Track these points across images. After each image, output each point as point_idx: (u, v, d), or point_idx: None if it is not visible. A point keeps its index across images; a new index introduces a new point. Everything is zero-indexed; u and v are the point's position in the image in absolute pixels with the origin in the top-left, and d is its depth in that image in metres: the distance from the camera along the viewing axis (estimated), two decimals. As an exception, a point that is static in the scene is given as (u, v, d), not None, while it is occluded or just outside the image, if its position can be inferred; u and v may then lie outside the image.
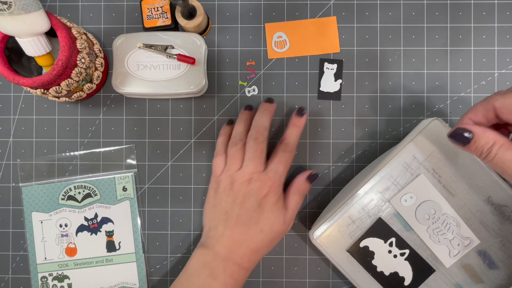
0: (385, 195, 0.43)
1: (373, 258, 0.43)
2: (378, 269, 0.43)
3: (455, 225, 0.42)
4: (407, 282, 0.43)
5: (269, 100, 0.49)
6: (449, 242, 0.42)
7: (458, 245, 0.42)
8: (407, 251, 0.43)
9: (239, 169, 0.45)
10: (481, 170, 0.42)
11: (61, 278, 0.52)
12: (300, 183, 0.46)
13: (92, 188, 0.52)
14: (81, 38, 0.45)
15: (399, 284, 0.43)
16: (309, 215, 0.51)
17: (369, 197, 0.43)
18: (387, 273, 0.43)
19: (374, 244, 0.43)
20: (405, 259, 0.43)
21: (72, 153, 0.52)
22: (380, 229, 0.43)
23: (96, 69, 0.49)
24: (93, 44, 0.49)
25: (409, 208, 0.42)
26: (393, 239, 0.43)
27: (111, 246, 0.52)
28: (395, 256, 0.43)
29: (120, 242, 0.52)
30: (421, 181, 0.42)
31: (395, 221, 0.43)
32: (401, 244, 0.43)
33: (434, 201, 0.42)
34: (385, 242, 0.43)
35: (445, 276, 0.42)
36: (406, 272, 0.43)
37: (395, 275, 0.43)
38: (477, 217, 0.42)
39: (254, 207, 0.43)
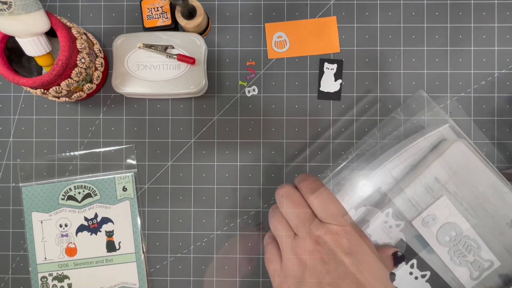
0: (407, 217, 0.42)
1: (394, 279, 0.43)
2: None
3: (476, 248, 0.41)
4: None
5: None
6: (470, 265, 0.42)
7: (479, 267, 0.41)
8: (428, 273, 0.42)
9: None
10: (503, 193, 0.41)
11: (61, 278, 0.52)
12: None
13: (92, 188, 0.52)
14: (81, 38, 0.45)
15: None
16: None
17: (390, 218, 0.43)
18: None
19: None
20: (426, 281, 0.42)
21: (72, 153, 0.52)
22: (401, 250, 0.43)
23: (96, 69, 0.49)
24: (93, 44, 0.49)
25: (430, 230, 0.42)
26: (414, 261, 0.42)
27: (111, 246, 0.52)
28: (416, 278, 0.43)
29: (120, 242, 0.52)
30: (443, 203, 0.42)
31: (417, 242, 0.42)
32: (423, 265, 0.42)
33: (455, 223, 0.42)
34: (406, 264, 0.43)
35: None
36: None
37: None
38: (499, 240, 0.41)
39: None
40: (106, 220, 0.52)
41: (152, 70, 0.49)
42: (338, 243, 0.37)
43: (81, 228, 0.52)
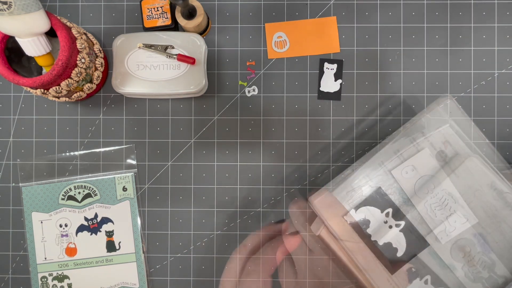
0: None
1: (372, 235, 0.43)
2: (372, 238, 0.43)
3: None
4: (399, 253, 0.43)
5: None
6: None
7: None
8: (402, 223, 0.42)
9: None
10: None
11: (61, 278, 0.52)
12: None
13: (92, 188, 0.52)
14: (81, 38, 0.45)
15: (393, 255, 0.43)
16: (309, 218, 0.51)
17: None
18: (381, 243, 0.43)
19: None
20: (400, 231, 0.42)
21: (72, 153, 0.52)
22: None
23: (96, 69, 0.49)
24: (93, 44, 0.49)
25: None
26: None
27: (111, 246, 0.52)
28: (390, 226, 0.42)
29: (120, 242, 0.52)
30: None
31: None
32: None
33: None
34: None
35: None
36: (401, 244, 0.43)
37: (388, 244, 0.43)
38: (476, 197, 0.41)
39: None
40: (106, 220, 0.52)
41: (152, 70, 0.49)
42: (353, 260, 0.37)
43: (81, 228, 0.52)
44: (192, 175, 0.52)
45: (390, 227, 0.43)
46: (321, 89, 0.51)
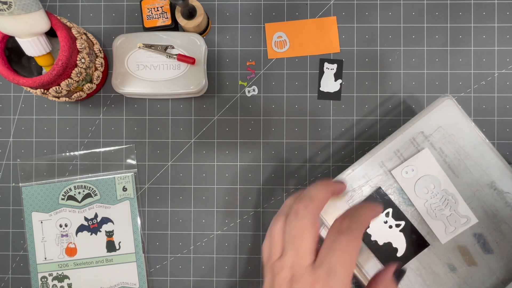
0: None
1: (368, 226, 0.43)
2: (372, 238, 0.43)
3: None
4: (399, 253, 0.43)
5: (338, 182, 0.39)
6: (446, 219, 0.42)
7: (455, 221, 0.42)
8: (402, 223, 0.43)
9: (279, 257, 0.33)
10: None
11: (61, 278, 0.52)
12: (385, 284, 0.33)
13: (92, 188, 0.52)
14: (81, 38, 0.45)
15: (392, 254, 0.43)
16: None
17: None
18: (381, 243, 0.43)
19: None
20: (400, 231, 0.43)
21: (72, 153, 0.52)
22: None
23: (96, 69, 0.49)
24: (93, 44, 0.49)
25: (409, 180, 0.42)
26: (389, 209, 0.43)
27: (111, 246, 0.52)
28: (390, 226, 0.43)
29: (120, 242, 0.52)
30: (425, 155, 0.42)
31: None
32: (399, 216, 0.43)
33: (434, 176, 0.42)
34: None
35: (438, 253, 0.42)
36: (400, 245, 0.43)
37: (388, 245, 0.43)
38: (476, 196, 0.42)
39: None
40: (106, 220, 0.52)
41: (152, 70, 0.49)
42: None
43: (81, 228, 0.52)
44: (192, 175, 0.52)
45: (390, 227, 0.43)
46: (321, 89, 0.51)
